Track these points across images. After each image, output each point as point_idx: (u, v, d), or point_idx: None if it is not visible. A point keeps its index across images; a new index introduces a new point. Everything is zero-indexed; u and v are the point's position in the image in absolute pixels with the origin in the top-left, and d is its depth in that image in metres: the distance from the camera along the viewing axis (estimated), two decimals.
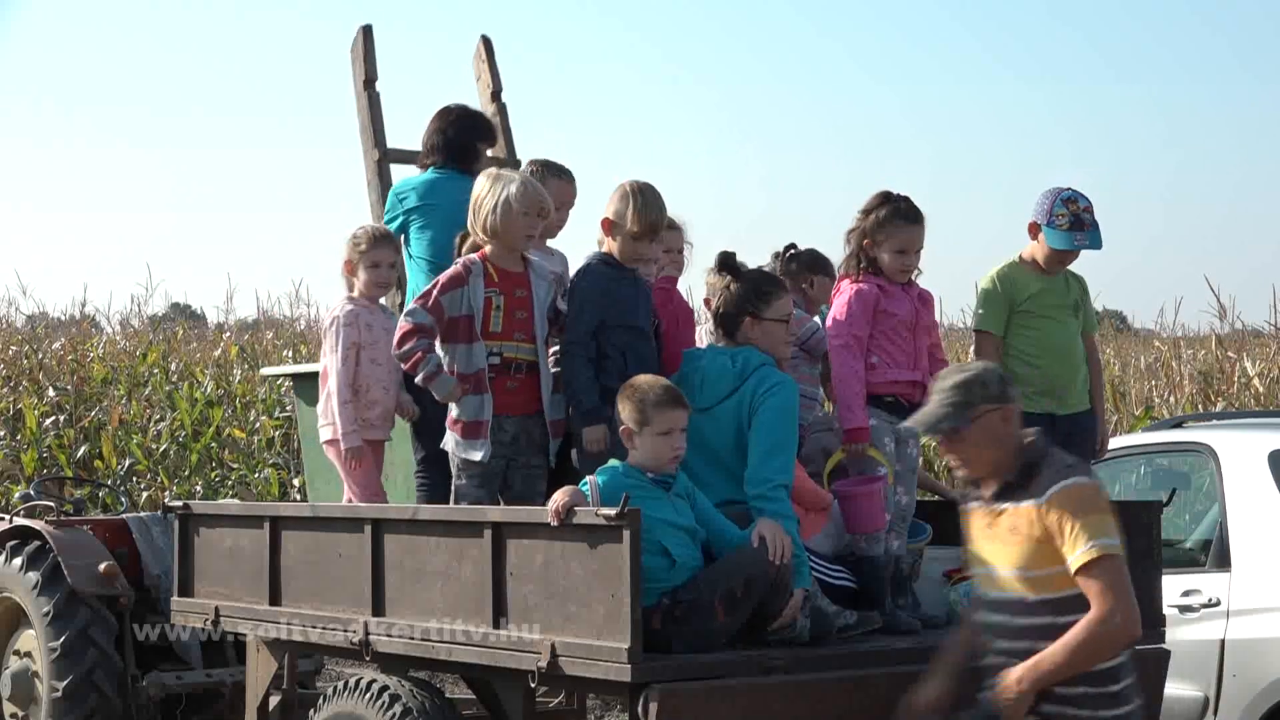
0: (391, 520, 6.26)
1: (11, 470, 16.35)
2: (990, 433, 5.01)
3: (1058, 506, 4.84)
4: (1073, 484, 4.87)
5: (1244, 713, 7.08)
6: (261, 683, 7.12)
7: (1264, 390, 14.94)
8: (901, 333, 6.44)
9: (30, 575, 8.72)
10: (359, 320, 6.83)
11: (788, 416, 6.03)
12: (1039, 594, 4.90)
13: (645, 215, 6.27)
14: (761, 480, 5.92)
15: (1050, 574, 4.88)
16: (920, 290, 6.58)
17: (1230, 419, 9.14)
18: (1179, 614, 7.12)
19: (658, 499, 5.62)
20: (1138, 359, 17.33)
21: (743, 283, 6.22)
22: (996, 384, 5.05)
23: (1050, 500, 4.85)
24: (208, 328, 23.01)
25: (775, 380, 6.05)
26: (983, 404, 5.00)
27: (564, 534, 5.45)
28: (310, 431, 7.57)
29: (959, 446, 5.06)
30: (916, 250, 6.45)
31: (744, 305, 6.18)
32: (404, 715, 5.95)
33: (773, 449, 5.96)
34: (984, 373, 5.11)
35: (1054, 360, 6.75)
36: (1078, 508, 4.83)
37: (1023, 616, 4.93)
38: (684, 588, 5.55)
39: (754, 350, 6.14)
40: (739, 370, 6.09)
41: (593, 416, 6.13)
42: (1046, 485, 4.89)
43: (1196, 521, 7.74)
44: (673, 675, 5.30)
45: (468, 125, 7.47)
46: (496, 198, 6.23)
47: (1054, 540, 4.86)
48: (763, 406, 5.99)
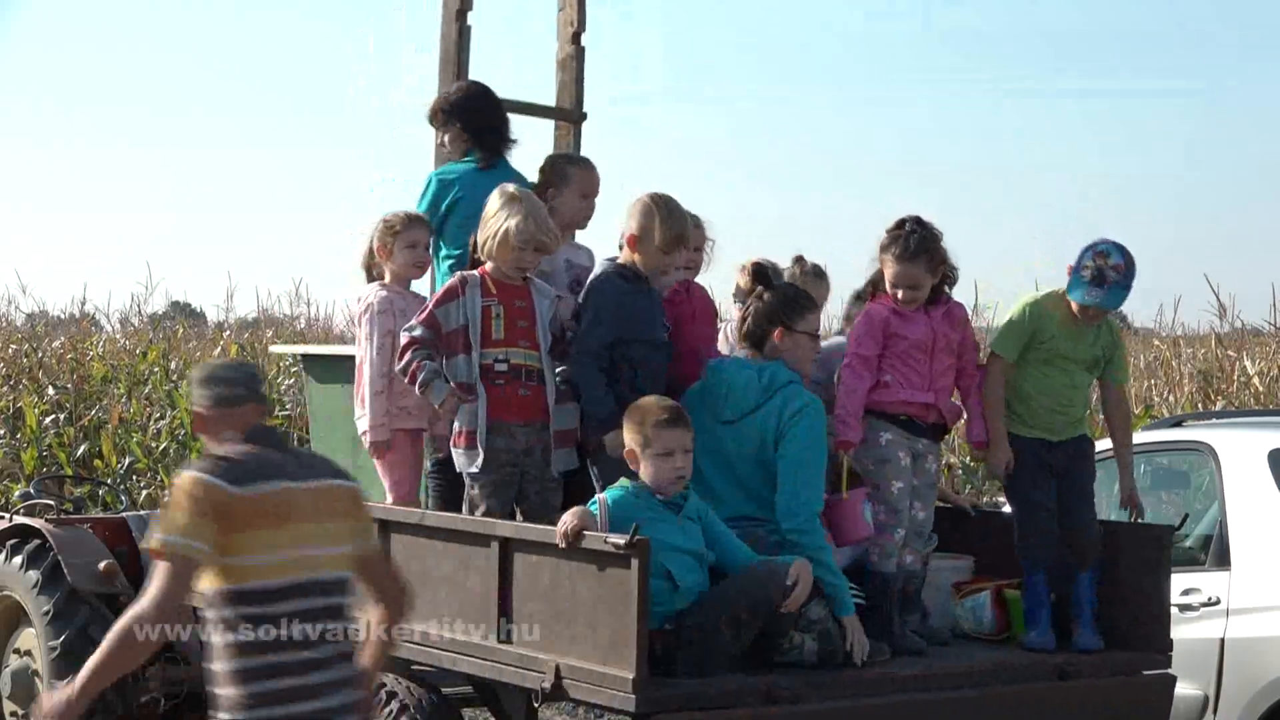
0: (399, 522, 6.25)
1: (11, 469, 16.33)
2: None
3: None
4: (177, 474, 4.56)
5: (1244, 711, 7.08)
6: None
7: (1264, 389, 14.94)
8: (916, 355, 6.44)
9: (30, 574, 8.71)
10: (393, 307, 6.73)
11: (818, 441, 6.07)
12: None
13: (671, 228, 6.28)
14: (795, 513, 5.96)
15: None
16: (949, 308, 6.56)
17: (1230, 418, 9.13)
18: (1179, 613, 7.11)
19: (668, 521, 5.62)
20: (1137, 358, 17.32)
21: (776, 293, 6.25)
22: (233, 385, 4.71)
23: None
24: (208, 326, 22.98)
25: (804, 401, 6.08)
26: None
27: (572, 555, 5.44)
28: (320, 410, 7.49)
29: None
30: (910, 285, 6.41)
31: (776, 316, 6.20)
32: (401, 713, 5.95)
33: (807, 479, 6.01)
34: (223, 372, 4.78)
35: (1048, 405, 6.69)
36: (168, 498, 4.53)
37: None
38: (688, 611, 5.54)
39: (781, 365, 6.16)
40: (765, 385, 6.09)
41: (610, 424, 6.10)
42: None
43: (1196, 520, 7.73)
44: (678, 705, 5.29)
45: (496, 111, 7.30)
46: (498, 226, 6.24)
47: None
48: (792, 431, 6.02)
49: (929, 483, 6.55)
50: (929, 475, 6.54)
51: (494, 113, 7.31)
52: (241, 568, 4.43)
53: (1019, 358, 6.65)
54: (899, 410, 6.44)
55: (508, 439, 6.21)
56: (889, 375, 6.43)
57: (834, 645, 5.79)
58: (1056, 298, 6.66)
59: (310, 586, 4.49)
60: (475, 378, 6.20)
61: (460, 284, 6.27)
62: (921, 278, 6.41)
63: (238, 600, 4.43)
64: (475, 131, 7.18)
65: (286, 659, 4.44)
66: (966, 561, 6.81)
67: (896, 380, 6.43)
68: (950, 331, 6.53)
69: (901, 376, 6.43)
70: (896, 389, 6.43)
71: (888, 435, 6.43)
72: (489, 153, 7.15)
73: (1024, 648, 6.42)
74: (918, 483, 6.48)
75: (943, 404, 6.53)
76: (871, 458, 6.44)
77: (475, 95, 7.31)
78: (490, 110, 7.30)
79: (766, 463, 6.06)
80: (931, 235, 6.44)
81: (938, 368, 6.50)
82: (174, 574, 4.37)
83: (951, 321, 6.55)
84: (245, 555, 4.42)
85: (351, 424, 7.15)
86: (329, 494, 4.59)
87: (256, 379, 4.77)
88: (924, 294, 6.45)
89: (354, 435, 7.17)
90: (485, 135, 7.19)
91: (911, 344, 6.43)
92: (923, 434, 6.50)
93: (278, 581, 4.45)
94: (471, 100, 7.26)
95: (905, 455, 6.44)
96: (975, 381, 6.67)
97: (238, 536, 4.41)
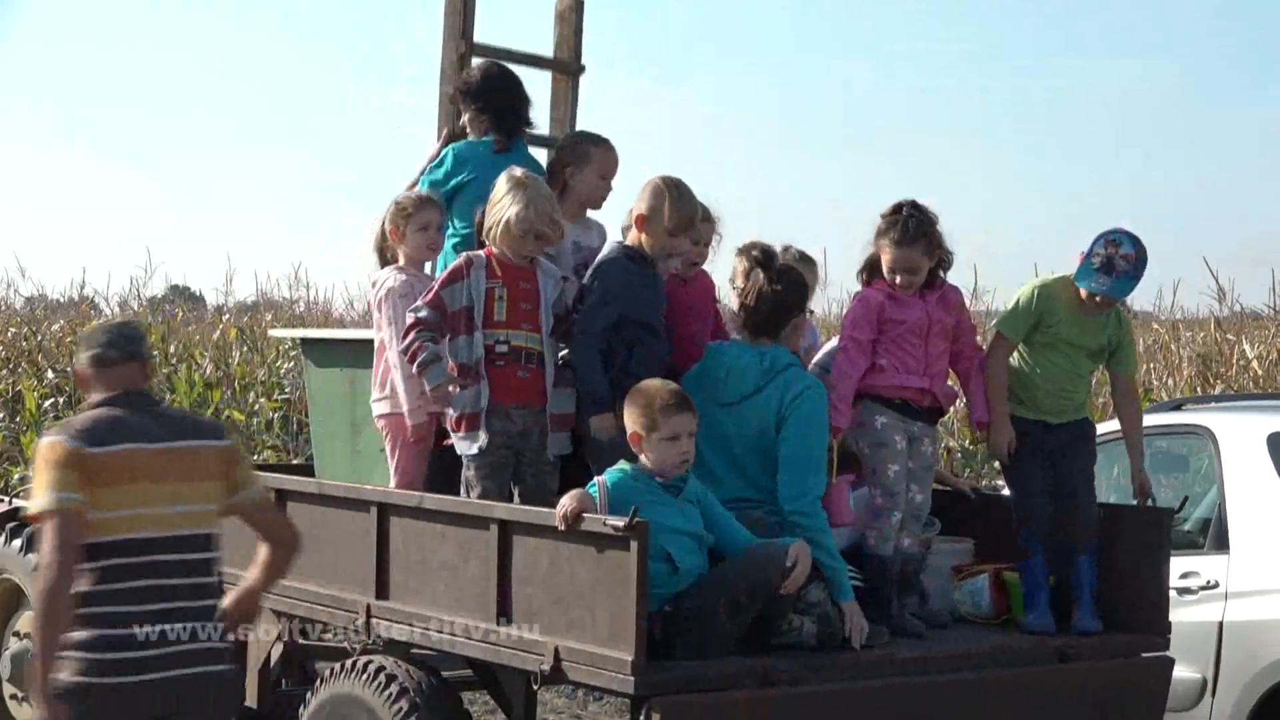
0: (397, 505, 6.25)
1: (11, 452, 16.33)
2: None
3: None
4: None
5: (1242, 694, 7.09)
6: (262, 659, 7.13)
7: (1263, 373, 14.94)
8: (911, 339, 6.44)
9: (30, 557, 8.71)
10: (413, 290, 6.63)
11: (820, 425, 6.10)
12: None
13: (680, 211, 6.28)
14: (798, 496, 5.98)
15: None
16: (944, 292, 6.56)
17: (1229, 401, 9.14)
18: (1177, 596, 7.12)
19: (666, 504, 5.62)
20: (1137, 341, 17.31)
21: (789, 282, 6.27)
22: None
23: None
24: (207, 310, 22.99)
25: (805, 384, 6.11)
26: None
27: (571, 537, 5.44)
28: (319, 395, 7.46)
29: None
30: (907, 270, 6.41)
31: (794, 304, 6.25)
32: (400, 696, 5.96)
33: (809, 462, 6.03)
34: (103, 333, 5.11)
35: (1050, 389, 6.67)
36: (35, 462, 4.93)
37: None
38: (686, 594, 5.54)
39: (782, 349, 6.18)
40: (767, 368, 6.10)
41: (603, 405, 6.12)
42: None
43: (1195, 504, 7.74)
44: (676, 688, 5.28)
45: (516, 92, 7.30)
46: (503, 213, 6.24)
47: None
48: (795, 414, 6.03)
49: (925, 465, 6.55)
50: (925, 458, 6.55)
51: (514, 95, 7.30)
52: (92, 522, 4.78)
53: (1024, 340, 6.64)
54: (894, 394, 6.44)
55: (505, 421, 6.21)
56: (884, 359, 6.44)
57: (833, 628, 5.79)
58: (1065, 283, 6.61)
59: (156, 543, 4.87)
60: (478, 359, 6.20)
61: (465, 265, 6.26)
62: (919, 261, 6.41)
63: (88, 553, 4.79)
64: (494, 113, 7.18)
65: (130, 610, 4.81)
66: (966, 545, 6.82)
67: (892, 364, 6.43)
68: (945, 315, 6.53)
69: (897, 360, 6.43)
70: (892, 373, 6.43)
71: (883, 419, 6.43)
72: (506, 135, 7.15)
73: (1023, 630, 6.42)
74: (914, 466, 6.48)
75: (938, 388, 6.53)
76: (867, 441, 6.44)
77: (495, 77, 7.31)
78: (511, 92, 7.30)
79: (766, 446, 6.06)
80: (928, 219, 6.44)
81: (933, 352, 6.50)
82: (60, 528, 4.74)
83: (946, 305, 6.55)
84: (96, 510, 4.80)
85: (350, 408, 7.14)
86: (191, 455, 4.98)
87: (133, 340, 5.09)
88: (921, 278, 6.44)
89: (353, 420, 7.15)
90: (504, 117, 7.19)
91: (907, 328, 6.43)
92: (918, 417, 6.50)
93: (124, 536, 4.83)
94: (491, 81, 7.27)
95: (901, 439, 6.44)
96: (974, 364, 6.66)
97: (93, 492, 4.79)
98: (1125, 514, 6.63)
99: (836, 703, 5.57)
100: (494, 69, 7.38)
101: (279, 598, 6.62)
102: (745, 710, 5.36)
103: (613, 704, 10.72)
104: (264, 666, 7.19)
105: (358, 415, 7.06)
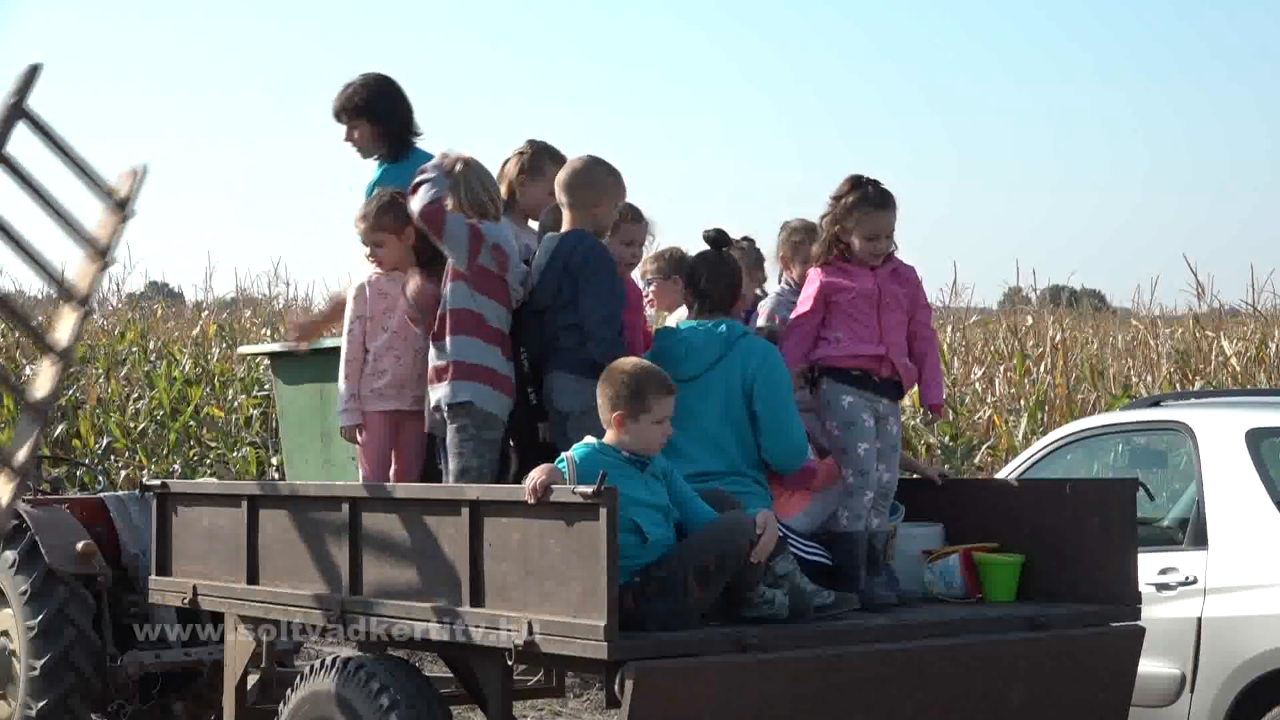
0: (369, 499, 6.25)
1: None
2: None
3: None
4: None
5: (1220, 690, 7.10)
6: (240, 661, 7.11)
7: (1241, 369, 14.97)
8: (862, 307, 6.49)
9: (8, 554, 8.70)
10: (364, 294, 6.73)
11: (786, 381, 6.31)
12: None
13: (621, 188, 6.48)
14: (791, 451, 6.28)
15: None
16: (897, 266, 6.61)
17: (1208, 398, 9.15)
18: (1156, 592, 7.14)
19: (631, 478, 5.64)
20: (1115, 338, 17.36)
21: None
22: None
23: None
24: (186, 306, 22.96)
25: (763, 347, 6.32)
26: None
27: (541, 512, 5.46)
28: (288, 409, 7.53)
29: None
30: (887, 235, 6.51)
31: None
32: (380, 693, 5.95)
33: (788, 416, 6.27)
34: None
35: None
36: None
37: None
38: (656, 564, 5.57)
39: (734, 320, 6.37)
40: (727, 336, 6.24)
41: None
42: None
43: (1174, 500, 7.75)
44: (649, 653, 5.31)
45: (403, 104, 7.25)
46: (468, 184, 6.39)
47: None
48: (762, 377, 6.22)
49: (891, 444, 6.59)
50: (891, 437, 6.59)
51: (401, 105, 7.23)
52: None
53: None
54: (850, 364, 6.48)
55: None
56: (838, 332, 6.49)
57: (805, 602, 5.83)
58: None
59: None
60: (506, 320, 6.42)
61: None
62: (893, 224, 6.51)
63: None
64: (386, 130, 7.15)
65: None
66: (936, 528, 6.84)
67: (846, 335, 6.47)
68: (899, 288, 6.57)
69: (849, 331, 6.48)
70: (847, 343, 6.48)
71: (849, 398, 6.46)
72: (398, 149, 7.14)
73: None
74: (881, 445, 6.52)
75: (895, 357, 6.54)
76: (837, 421, 6.48)
77: (383, 91, 7.21)
78: (397, 103, 7.22)
79: (733, 413, 6.20)
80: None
81: (887, 322, 6.53)
82: None
83: (899, 279, 6.60)
84: None
85: (320, 420, 7.19)
86: None
87: None
88: (890, 244, 6.52)
89: (323, 430, 7.20)
90: (396, 133, 7.17)
91: (858, 295, 6.47)
92: (882, 393, 6.52)
93: None
94: (379, 98, 7.18)
95: (869, 417, 6.49)
96: (929, 344, 6.70)
97: None
98: (1091, 488, 6.69)
99: (808, 669, 5.60)
100: (379, 82, 7.24)
101: (256, 604, 6.64)
102: (718, 675, 5.40)
103: (592, 700, 10.73)
104: (241, 681, 7.14)
105: (328, 426, 7.10)
